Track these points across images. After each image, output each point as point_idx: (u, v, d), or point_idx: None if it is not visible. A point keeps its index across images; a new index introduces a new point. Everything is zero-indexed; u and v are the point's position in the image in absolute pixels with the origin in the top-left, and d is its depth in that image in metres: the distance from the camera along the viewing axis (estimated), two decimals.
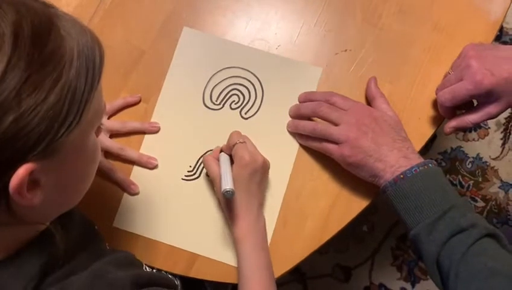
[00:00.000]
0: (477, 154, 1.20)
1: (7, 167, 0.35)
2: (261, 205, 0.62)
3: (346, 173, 0.62)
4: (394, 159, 0.57)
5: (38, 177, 0.37)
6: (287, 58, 0.68)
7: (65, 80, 0.36)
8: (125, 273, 0.46)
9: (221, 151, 0.63)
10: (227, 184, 0.56)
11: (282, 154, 0.65)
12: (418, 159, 0.57)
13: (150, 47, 0.69)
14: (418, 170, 0.55)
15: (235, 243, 0.60)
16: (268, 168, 0.62)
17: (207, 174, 0.65)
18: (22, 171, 0.35)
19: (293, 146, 0.66)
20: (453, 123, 0.62)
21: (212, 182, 0.62)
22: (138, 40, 0.69)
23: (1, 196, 0.36)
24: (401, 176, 0.55)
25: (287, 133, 0.66)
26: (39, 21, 0.36)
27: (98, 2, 0.71)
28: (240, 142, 0.60)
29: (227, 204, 0.60)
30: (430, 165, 0.56)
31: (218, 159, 0.62)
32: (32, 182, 0.37)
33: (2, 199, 0.37)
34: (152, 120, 0.67)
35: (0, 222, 0.39)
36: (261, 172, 0.60)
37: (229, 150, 0.62)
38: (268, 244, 0.62)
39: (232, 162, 0.61)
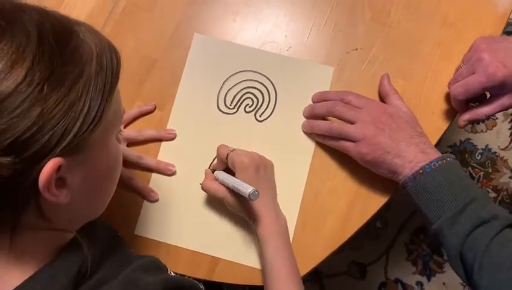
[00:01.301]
0: (486, 146, 1.20)
1: (35, 160, 0.36)
2: (276, 201, 0.63)
3: (364, 170, 0.63)
4: (412, 154, 0.57)
5: (65, 175, 0.39)
6: (298, 59, 0.69)
7: (86, 78, 0.38)
8: (154, 278, 0.46)
9: (212, 171, 0.64)
10: (248, 187, 0.56)
11: (299, 155, 0.66)
12: (435, 154, 0.57)
13: (162, 55, 0.70)
14: (436, 164, 0.55)
15: (260, 243, 0.60)
16: (270, 163, 0.63)
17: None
18: (50, 165, 0.36)
19: (308, 146, 0.66)
20: (466, 116, 0.63)
21: (223, 200, 0.61)
22: (150, 49, 0.70)
23: (31, 194, 0.38)
24: (421, 171, 0.56)
25: (303, 134, 0.67)
26: (59, 24, 0.39)
27: (108, 13, 0.71)
28: (231, 150, 0.61)
29: (246, 208, 0.60)
30: (448, 159, 0.57)
31: (216, 180, 0.62)
32: (59, 179, 0.38)
33: (32, 197, 0.38)
34: (168, 127, 0.67)
35: (30, 225, 0.40)
36: (262, 167, 0.61)
37: (223, 164, 0.62)
38: None
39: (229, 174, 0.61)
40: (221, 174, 0.61)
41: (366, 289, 1.13)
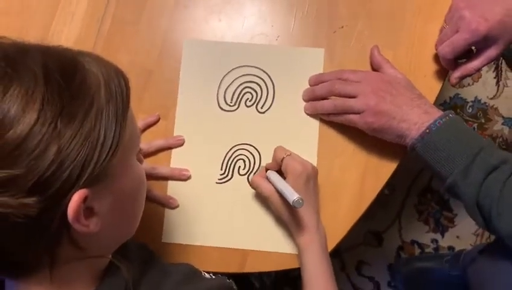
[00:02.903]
0: (475, 97, 1.23)
1: (60, 196, 0.37)
2: (318, 213, 0.63)
3: (370, 140, 0.65)
4: (416, 116, 0.59)
5: (92, 204, 0.40)
6: (288, 47, 0.71)
7: (97, 108, 0.39)
8: (194, 286, 0.49)
9: (266, 169, 0.65)
10: (293, 194, 0.57)
11: (305, 139, 0.68)
12: (438, 112, 0.60)
13: (156, 65, 0.71)
14: (441, 122, 0.58)
15: (299, 251, 0.62)
16: (317, 172, 0.63)
17: (240, 174, 0.67)
18: (76, 198, 0.37)
19: (313, 128, 0.68)
20: (457, 73, 0.65)
21: (267, 199, 0.63)
22: (143, 61, 0.71)
23: (62, 227, 0.39)
24: (427, 130, 0.58)
25: (306, 117, 0.69)
26: (64, 59, 0.40)
27: (96, 33, 0.72)
28: (287, 154, 0.62)
29: (290, 214, 0.61)
30: (450, 115, 0.59)
31: (266, 178, 0.63)
32: (87, 209, 0.39)
33: (63, 230, 0.39)
34: (175, 134, 0.69)
35: (67, 257, 0.41)
36: (313, 178, 0.62)
37: (277, 165, 0.63)
38: None
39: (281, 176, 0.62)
40: (273, 175, 0.62)
41: (385, 255, 1.16)
